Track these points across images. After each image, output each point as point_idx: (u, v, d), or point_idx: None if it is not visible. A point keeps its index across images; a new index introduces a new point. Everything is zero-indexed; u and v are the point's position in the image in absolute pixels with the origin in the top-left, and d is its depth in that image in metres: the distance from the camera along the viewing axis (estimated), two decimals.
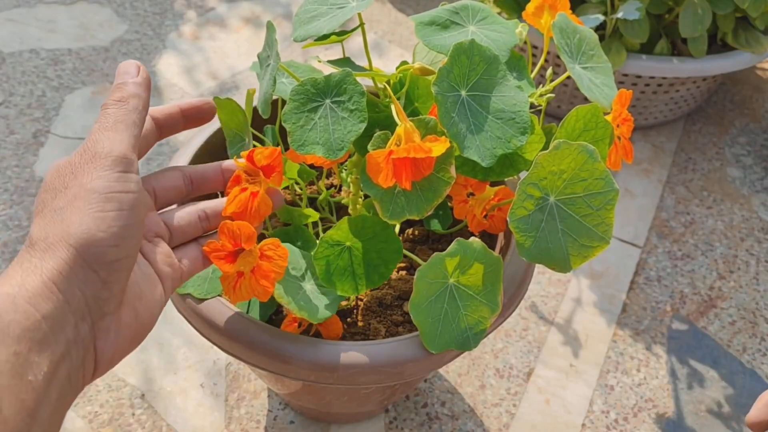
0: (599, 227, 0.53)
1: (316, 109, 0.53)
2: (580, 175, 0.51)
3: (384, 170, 0.50)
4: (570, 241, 0.53)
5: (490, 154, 0.51)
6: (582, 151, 0.51)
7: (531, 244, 0.52)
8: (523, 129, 0.52)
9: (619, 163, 0.57)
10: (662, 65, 1.08)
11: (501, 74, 0.53)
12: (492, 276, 0.55)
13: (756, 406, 0.54)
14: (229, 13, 1.44)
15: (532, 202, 0.51)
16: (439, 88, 0.51)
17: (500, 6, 1.11)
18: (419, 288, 0.53)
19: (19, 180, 1.05)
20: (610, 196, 0.52)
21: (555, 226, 0.52)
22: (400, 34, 1.43)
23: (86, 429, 0.79)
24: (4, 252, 0.96)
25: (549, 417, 0.84)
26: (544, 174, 0.51)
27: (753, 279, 1.02)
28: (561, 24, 0.58)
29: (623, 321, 0.95)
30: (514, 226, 0.51)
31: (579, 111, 0.55)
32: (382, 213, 0.52)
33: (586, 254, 0.53)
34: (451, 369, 0.88)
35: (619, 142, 0.57)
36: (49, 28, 1.35)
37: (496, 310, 0.55)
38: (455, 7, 0.58)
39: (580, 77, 0.56)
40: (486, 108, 0.53)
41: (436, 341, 0.54)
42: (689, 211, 1.12)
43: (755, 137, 1.27)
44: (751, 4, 1.05)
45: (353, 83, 0.53)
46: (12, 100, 1.19)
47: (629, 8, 1.02)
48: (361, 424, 0.81)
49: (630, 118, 0.58)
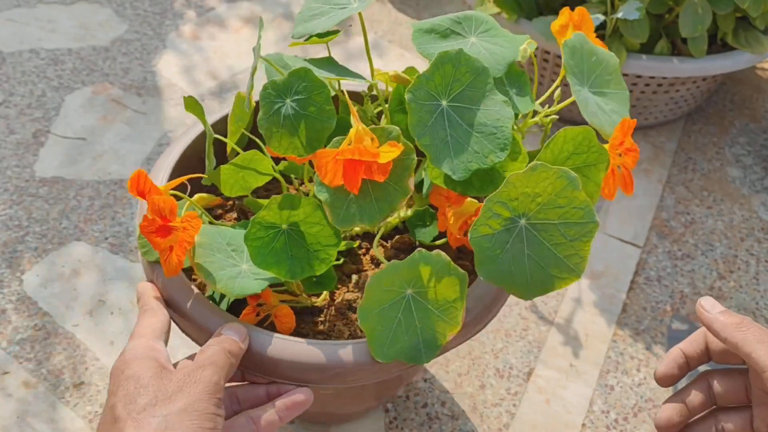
0: (571, 258, 0.50)
1: (279, 110, 0.54)
2: (557, 201, 0.49)
3: (331, 171, 0.49)
4: (536, 268, 0.50)
5: (464, 168, 0.50)
6: (561, 176, 0.49)
7: (491, 264, 0.50)
8: (502, 145, 0.50)
9: (613, 194, 0.55)
10: (662, 65, 1.08)
11: (488, 87, 0.52)
12: (454, 292, 0.53)
13: (664, 361, 0.54)
14: (228, 13, 1.44)
15: (499, 221, 0.49)
16: (414, 95, 0.50)
17: (500, 6, 1.11)
18: (371, 293, 0.51)
19: (19, 180, 1.05)
20: (588, 228, 0.50)
21: (521, 250, 0.50)
22: (401, 34, 1.43)
23: (86, 429, 0.79)
24: (4, 252, 0.96)
25: (549, 417, 0.84)
26: (515, 194, 0.49)
27: (753, 279, 1.02)
28: (575, 44, 0.56)
29: (623, 321, 0.95)
30: (475, 242, 0.49)
31: (568, 132, 0.53)
32: (331, 218, 0.51)
33: (552, 285, 0.51)
34: (451, 369, 0.88)
35: (618, 171, 0.55)
36: (49, 28, 1.35)
37: (455, 327, 0.53)
38: (459, 17, 0.57)
39: (585, 101, 0.54)
40: (467, 120, 0.51)
41: (384, 350, 0.52)
42: (689, 211, 1.12)
43: (755, 137, 1.27)
44: (752, 4, 1.05)
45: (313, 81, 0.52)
46: (12, 100, 1.19)
47: (629, 8, 1.02)
48: (361, 425, 0.81)
49: (635, 149, 0.55)
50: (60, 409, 0.80)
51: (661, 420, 0.53)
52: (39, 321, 0.89)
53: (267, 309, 0.58)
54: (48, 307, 0.90)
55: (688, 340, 0.55)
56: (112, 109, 1.19)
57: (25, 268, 0.94)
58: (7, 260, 0.95)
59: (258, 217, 0.54)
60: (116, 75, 1.26)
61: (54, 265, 0.95)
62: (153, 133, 1.16)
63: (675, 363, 0.54)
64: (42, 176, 1.06)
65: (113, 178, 1.07)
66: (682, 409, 0.53)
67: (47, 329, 0.88)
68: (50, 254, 0.96)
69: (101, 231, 1.00)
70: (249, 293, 0.54)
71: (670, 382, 0.54)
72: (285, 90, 0.54)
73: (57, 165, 1.08)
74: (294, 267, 0.55)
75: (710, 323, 0.50)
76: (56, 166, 1.08)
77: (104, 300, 0.92)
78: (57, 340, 0.87)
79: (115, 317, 0.90)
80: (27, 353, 0.85)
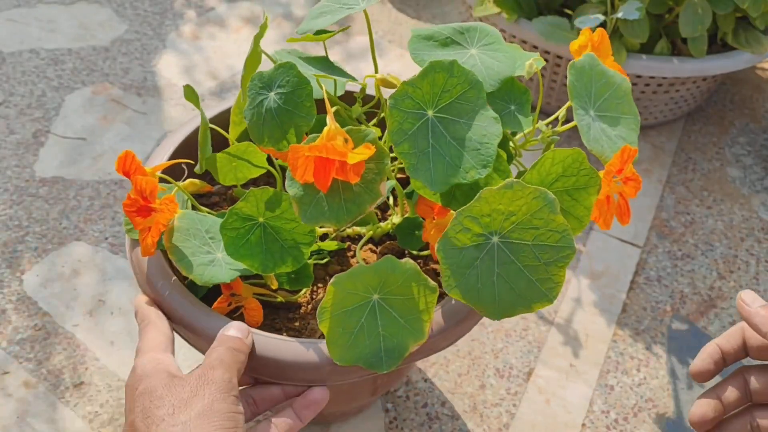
0: (544, 283, 0.49)
1: (263, 103, 0.54)
2: (532, 222, 0.48)
3: (302, 166, 0.48)
4: (505, 289, 0.49)
5: (443, 181, 0.49)
6: (538, 197, 0.48)
7: (458, 279, 0.48)
8: (485, 162, 0.49)
9: (609, 223, 0.53)
10: (662, 65, 1.08)
11: (480, 102, 0.50)
12: (422, 303, 0.52)
13: (699, 357, 0.53)
14: (228, 12, 1.44)
15: (469, 236, 0.48)
16: (396, 102, 0.49)
17: (500, 6, 1.11)
18: (332, 294, 0.50)
19: (19, 180, 1.05)
20: (564, 253, 0.48)
21: (491, 268, 0.49)
22: (400, 34, 1.43)
23: (86, 429, 0.79)
24: (4, 252, 0.96)
25: (549, 417, 0.84)
26: (487, 210, 0.48)
27: (753, 279, 1.02)
28: (583, 65, 0.55)
29: (623, 321, 0.95)
30: (441, 255, 0.48)
31: (557, 154, 0.52)
32: (298, 214, 0.51)
33: (521, 308, 0.49)
34: (451, 369, 0.88)
35: (614, 199, 0.53)
36: (49, 28, 1.35)
37: (419, 339, 0.52)
38: (463, 27, 0.56)
39: (588, 127, 0.53)
40: (452, 133, 0.50)
41: (343, 353, 0.51)
42: (689, 211, 1.12)
43: (755, 137, 1.27)
44: (752, 4, 1.05)
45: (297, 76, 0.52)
46: (12, 100, 1.19)
47: (629, 8, 1.02)
48: (361, 425, 0.81)
49: (637, 179, 0.53)
50: (60, 409, 0.80)
51: (695, 415, 0.52)
52: (39, 321, 0.89)
53: (239, 300, 0.59)
54: (48, 307, 0.90)
55: (724, 335, 0.53)
56: (112, 109, 1.19)
57: (25, 268, 0.94)
58: (7, 260, 0.95)
59: (236, 207, 0.54)
60: (116, 75, 1.26)
61: (54, 265, 0.95)
62: (153, 133, 1.16)
63: (711, 358, 0.53)
64: (42, 176, 1.06)
65: (113, 178, 1.07)
66: (716, 405, 0.52)
67: (47, 329, 0.88)
68: (50, 254, 0.96)
69: (101, 231, 1.00)
70: (217, 282, 0.54)
71: (706, 378, 0.53)
72: (270, 83, 0.54)
73: (57, 165, 1.08)
74: (267, 261, 0.55)
75: (750, 317, 0.49)
76: (56, 166, 1.08)
77: (104, 300, 0.92)
78: (57, 340, 0.87)
79: (115, 317, 0.90)
80: (27, 353, 0.85)
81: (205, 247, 0.56)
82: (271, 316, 0.63)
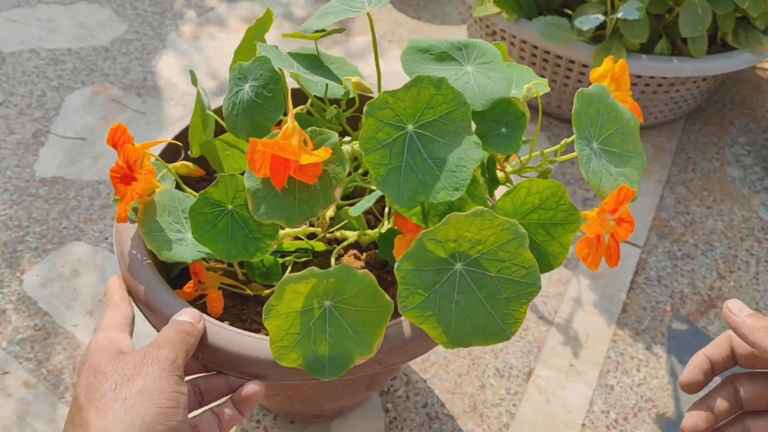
0: (503, 317, 0.47)
1: (237, 94, 0.54)
2: (499, 254, 0.47)
3: (259, 160, 0.48)
4: (462, 318, 0.47)
5: (410, 197, 0.48)
6: (507, 228, 0.46)
7: (414, 301, 0.47)
8: (458, 185, 0.47)
9: (598, 264, 0.51)
10: (662, 65, 1.08)
11: (464, 125, 0.49)
12: (375, 317, 0.50)
13: (688, 368, 0.53)
14: (228, 12, 1.44)
15: (431, 259, 0.47)
16: (373, 109, 0.48)
17: (500, 6, 1.11)
18: (281, 294, 0.49)
19: (19, 180, 1.05)
20: (528, 290, 0.47)
21: (451, 295, 0.47)
22: (400, 34, 1.43)
23: None
24: (4, 252, 0.96)
25: (549, 417, 0.84)
26: (453, 235, 0.46)
27: (753, 279, 1.02)
28: (593, 94, 0.53)
29: (623, 321, 0.95)
30: (400, 276, 0.47)
31: (533, 184, 0.50)
32: (251, 207, 0.51)
33: (476, 339, 0.47)
34: (451, 369, 0.88)
35: (605, 240, 0.51)
36: (49, 28, 1.35)
37: (366, 353, 0.51)
38: (461, 43, 0.55)
39: (588, 157, 0.51)
40: (429, 151, 0.48)
41: (286, 354, 0.50)
42: (689, 211, 1.12)
43: (755, 137, 1.27)
44: (751, 4, 1.05)
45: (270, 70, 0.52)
46: (12, 100, 1.19)
47: (629, 8, 1.02)
48: (361, 424, 0.81)
49: (630, 221, 0.51)
50: (60, 409, 0.80)
51: (687, 427, 0.52)
52: (39, 321, 0.89)
53: (204, 288, 0.59)
54: (48, 307, 0.90)
55: (712, 344, 0.54)
56: (112, 109, 1.19)
57: (25, 268, 0.94)
58: (7, 260, 0.95)
59: (206, 192, 0.55)
60: (116, 75, 1.26)
61: (54, 265, 0.95)
62: (153, 133, 1.16)
63: (700, 369, 0.53)
64: (42, 176, 1.06)
65: None
66: (708, 416, 0.52)
67: (47, 329, 0.88)
68: (50, 254, 0.96)
69: (101, 231, 1.00)
70: (178, 260, 0.55)
71: (696, 389, 0.53)
72: (246, 75, 0.54)
73: (57, 165, 1.08)
74: (231, 248, 0.55)
75: (737, 326, 0.49)
76: (56, 166, 1.08)
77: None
78: (57, 340, 0.87)
79: None
80: (27, 353, 0.85)
81: (177, 225, 0.56)
82: (239, 307, 0.63)
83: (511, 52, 1.18)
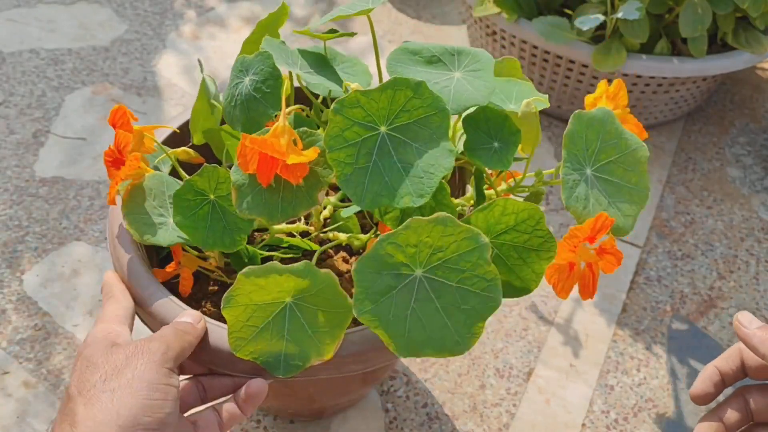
0: (460, 330, 0.45)
1: (237, 86, 0.54)
2: (460, 264, 0.45)
3: (246, 155, 0.48)
4: (417, 326, 0.46)
5: (372, 199, 0.46)
6: (470, 237, 0.45)
7: (369, 305, 0.45)
8: (423, 192, 0.46)
9: (567, 292, 0.48)
10: (662, 65, 1.08)
11: (441, 130, 0.47)
12: (335, 319, 0.49)
13: (699, 379, 0.53)
14: (228, 12, 1.44)
15: (389, 263, 0.45)
16: (342, 107, 0.47)
17: (500, 6, 1.11)
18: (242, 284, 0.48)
19: (19, 180, 1.05)
20: (488, 304, 0.45)
21: (407, 301, 0.46)
22: (400, 34, 1.43)
23: None
24: (4, 252, 0.96)
25: (549, 417, 0.84)
26: (414, 240, 0.45)
27: (753, 279, 1.02)
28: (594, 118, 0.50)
29: (623, 321, 0.95)
30: (357, 278, 0.45)
31: (509, 204, 0.48)
32: (234, 201, 0.51)
33: (429, 350, 0.46)
34: (451, 369, 0.88)
35: (580, 268, 0.48)
36: (49, 28, 1.35)
37: (323, 355, 0.50)
38: (454, 49, 0.54)
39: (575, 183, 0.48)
40: (401, 155, 0.47)
41: (242, 346, 0.50)
42: (689, 211, 1.12)
43: (755, 137, 1.27)
44: (751, 4, 1.05)
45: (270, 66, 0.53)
46: (12, 100, 1.19)
47: (629, 8, 1.02)
48: (361, 424, 0.81)
49: (616, 253, 0.48)
50: None
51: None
52: (39, 321, 0.89)
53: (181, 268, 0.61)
54: (48, 307, 0.90)
55: (722, 356, 0.54)
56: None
57: (25, 268, 0.94)
58: (7, 260, 0.95)
59: (192, 179, 0.55)
60: (116, 75, 1.26)
61: (54, 265, 0.95)
62: None
63: (710, 381, 0.53)
64: (42, 176, 1.06)
65: None
66: (718, 428, 0.52)
67: (47, 329, 0.88)
68: (50, 254, 0.96)
69: (101, 231, 1.00)
70: (153, 243, 0.56)
71: (706, 401, 0.53)
72: (248, 68, 0.54)
73: (57, 165, 1.08)
74: (207, 237, 0.55)
75: (748, 338, 0.49)
76: (56, 166, 1.08)
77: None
78: (57, 340, 0.87)
79: None
80: (27, 353, 0.85)
81: (162, 209, 0.57)
82: (220, 294, 0.65)
83: (511, 52, 1.18)
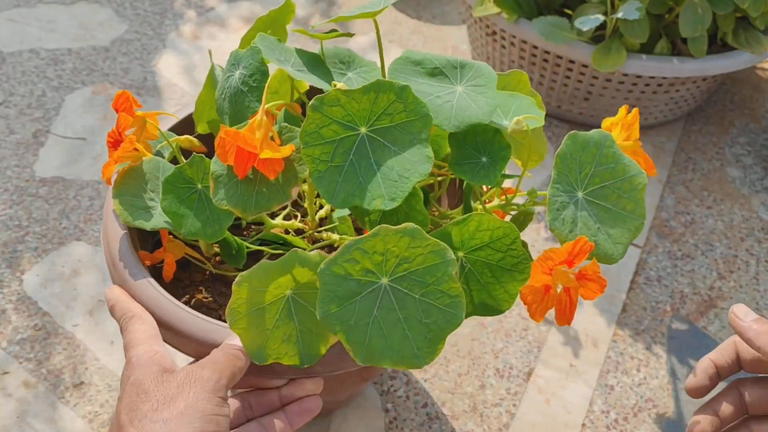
0: (419, 343, 0.45)
1: (228, 79, 0.55)
2: (425, 277, 0.45)
3: (224, 147, 0.49)
4: (378, 335, 0.45)
5: (344, 198, 0.46)
6: (436, 251, 0.44)
7: (332, 308, 0.45)
8: (395, 196, 0.46)
9: (542, 316, 0.47)
10: (662, 65, 1.08)
11: (422, 137, 0.47)
12: None
13: (694, 373, 0.54)
14: (229, 12, 1.44)
15: (356, 269, 0.45)
16: (321, 104, 0.47)
17: (500, 6, 1.11)
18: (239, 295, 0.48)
19: (19, 180, 1.05)
20: (450, 320, 0.45)
21: (370, 310, 0.45)
22: (400, 34, 1.43)
23: (86, 429, 0.79)
24: (4, 252, 0.96)
25: (549, 417, 0.84)
26: (381, 248, 0.45)
27: (753, 279, 1.02)
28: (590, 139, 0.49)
29: (623, 321, 0.95)
30: (321, 279, 0.45)
31: (484, 220, 0.47)
32: (212, 190, 0.52)
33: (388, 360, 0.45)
34: (451, 369, 0.88)
35: (556, 292, 0.47)
36: (49, 28, 1.35)
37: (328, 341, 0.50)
38: (458, 62, 0.54)
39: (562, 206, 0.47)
40: (378, 156, 0.47)
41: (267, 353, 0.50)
42: (689, 211, 1.12)
43: (755, 137, 1.27)
44: (751, 4, 1.05)
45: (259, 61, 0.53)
46: (12, 100, 1.19)
47: (629, 8, 1.02)
48: (360, 424, 0.81)
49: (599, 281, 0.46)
50: (60, 409, 0.80)
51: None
52: (39, 321, 0.89)
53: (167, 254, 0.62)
54: (48, 307, 0.90)
55: (718, 349, 0.54)
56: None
57: (25, 268, 0.94)
58: (7, 260, 0.95)
59: (182, 167, 0.56)
60: (116, 75, 1.26)
61: (54, 265, 0.95)
62: None
63: (706, 374, 0.53)
64: (42, 176, 1.06)
65: None
66: (713, 420, 0.52)
67: (47, 329, 0.88)
68: (50, 254, 0.96)
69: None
70: (137, 226, 0.57)
71: (702, 393, 0.54)
72: (239, 62, 0.55)
73: (57, 165, 1.08)
74: (191, 225, 0.56)
75: (743, 332, 0.49)
76: (56, 166, 1.08)
77: (104, 300, 0.92)
78: (57, 340, 0.87)
79: None
80: (27, 353, 0.85)
81: (153, 193, 0.58)
82: (206, 283, 0.66)
83: (511, 52, 1.18)
